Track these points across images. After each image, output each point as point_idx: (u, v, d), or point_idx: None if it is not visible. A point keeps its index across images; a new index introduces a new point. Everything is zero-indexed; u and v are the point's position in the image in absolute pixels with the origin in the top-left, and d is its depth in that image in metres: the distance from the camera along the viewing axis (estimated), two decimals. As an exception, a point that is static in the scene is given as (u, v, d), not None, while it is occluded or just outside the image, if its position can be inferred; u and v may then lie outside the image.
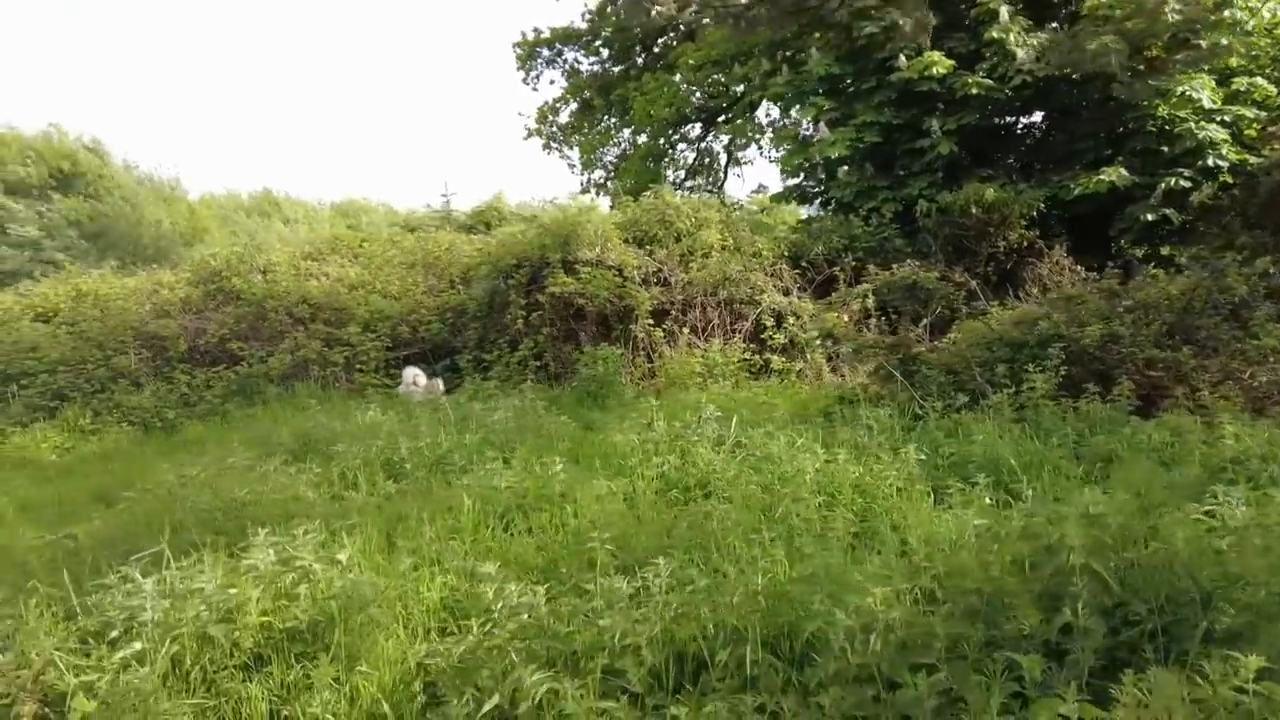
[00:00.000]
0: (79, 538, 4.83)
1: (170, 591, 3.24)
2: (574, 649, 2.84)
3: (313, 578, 3.27)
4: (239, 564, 3.76)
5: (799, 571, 3.22)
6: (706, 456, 5.02)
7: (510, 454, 5.93)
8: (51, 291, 12.72)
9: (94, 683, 2.87)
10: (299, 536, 3.62)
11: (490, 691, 2.66)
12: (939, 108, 14.19)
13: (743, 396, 10.38)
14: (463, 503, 4.52)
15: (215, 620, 3.06)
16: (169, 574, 3.47)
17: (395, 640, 3.21)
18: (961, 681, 2.19)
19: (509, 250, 11.84)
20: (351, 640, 3.11)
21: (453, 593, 3.65)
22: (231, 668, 3.05)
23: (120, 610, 3.26)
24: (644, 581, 3.17)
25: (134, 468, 8.28)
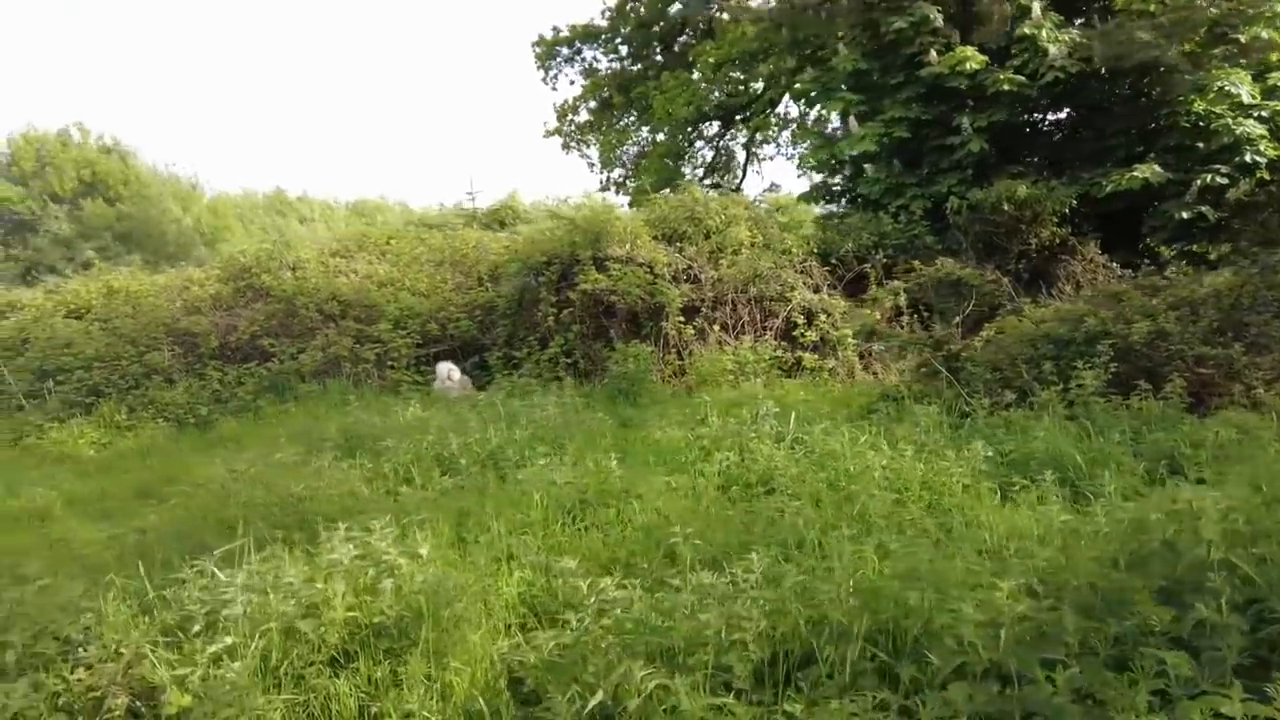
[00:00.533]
0: (146, 532, 4.79)
1: (252, 586, 3.20)
2: (671, 645, 2.79)
3: (397, 573, 3.23)
4: (314, 558, 3.73)
5: (889, 568, 3.16)
6: (766, 452, 4.96)
7: (560, 450, 5.89)
8: (82, 288, 12.77)
9: (185, 677, 2.83)
10: (374, 531, 3.59)
11: (594, 688, 2.61)
12: (968, 104, 14.07)
13: (779, 394, 10.33)
14: (530, 498, 4.48)
15: (302, 615, 3.02)
16: (247, 569, 3.44)
17: (480, 636, 3.16)
18: (1096, 678, 2.13)
19: (539, 248, 11.80)
20: (439, 636, 3.07)
21: (529, 588, 3.61)
22: (318, 664, 3.01)
23: (201, 604, 3.24)
24: (733, 577, 3.12)
25: (173, 464, 8.29)
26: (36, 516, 6.50)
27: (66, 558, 4.59)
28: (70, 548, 4.98)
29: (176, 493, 7.14)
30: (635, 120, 25.18)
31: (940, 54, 13.82)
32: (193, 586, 3.43)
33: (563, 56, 24.39)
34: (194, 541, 4.39)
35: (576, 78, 24.76)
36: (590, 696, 2.60)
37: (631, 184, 24.92)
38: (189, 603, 3.30)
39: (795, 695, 2.57)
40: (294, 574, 3.18)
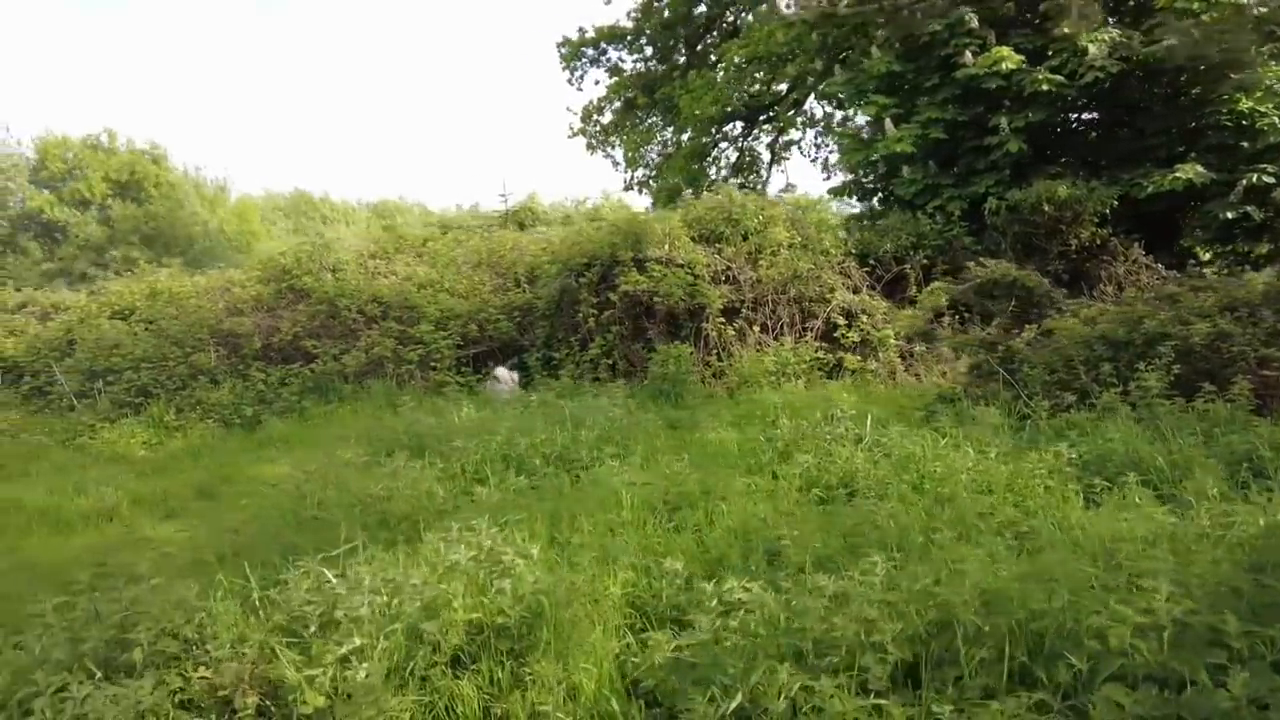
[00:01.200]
0: (237, 532, 4.82)
1: (376, 587, 3.22)
2: (800, 646, 2.79)
3: (514, 573, 3.24)
4: (416, 557, 3.75)
5: (1006, 570, 3.15)
6: (844, 454, 4.95)
7: (628, 451, 5.90)
8: (126, 290, 12.89)
9: (315, 677, 2.85)
10: (475, 531, 3.60)
11: (731, 690, 2.61)
12: (1005, 105, 14.00)
13: (823, 395, 10.31)
14: (617, 498, 4.48)
15: (424, 616, 3.04)
16: (356, 569, 3.46)
17: (597, 636, 3.17)
18: (1266, 683, 2.12)
19: (579, 249, 11.82)
20: (559, 637, 3.08)
21: (632, 589, 3.61)
22: (440, 664, 3.02)
23: (315, 605, 3.25)
24: (850, 580, 3.11)
25: (227, 464, 8.36)
26: (105, 516, 6.57)
27: (158, 557, 4.62)
28: (155, 547, 5.02)
29: (238, 493, 7.24)
30: (658, 121, 25.22)
31: (976, 55, 13.77)
32: (299, 587, 3.45)
33: (588, 57, 24.44)
34: (285, 541, 4.42)
35: (602, 78, 24.79)
36: (728, 699, 2.60)
37: (656, 184, 24.94)
38: (301, 603, 3.32)
39: (937, 697, 2.56)
40: (416, 575, 3.19)
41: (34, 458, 8.90)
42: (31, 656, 3.17)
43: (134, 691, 2.95)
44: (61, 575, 4.61)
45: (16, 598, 4.21)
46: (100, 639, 3.16)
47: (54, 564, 4.96)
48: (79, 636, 3.24)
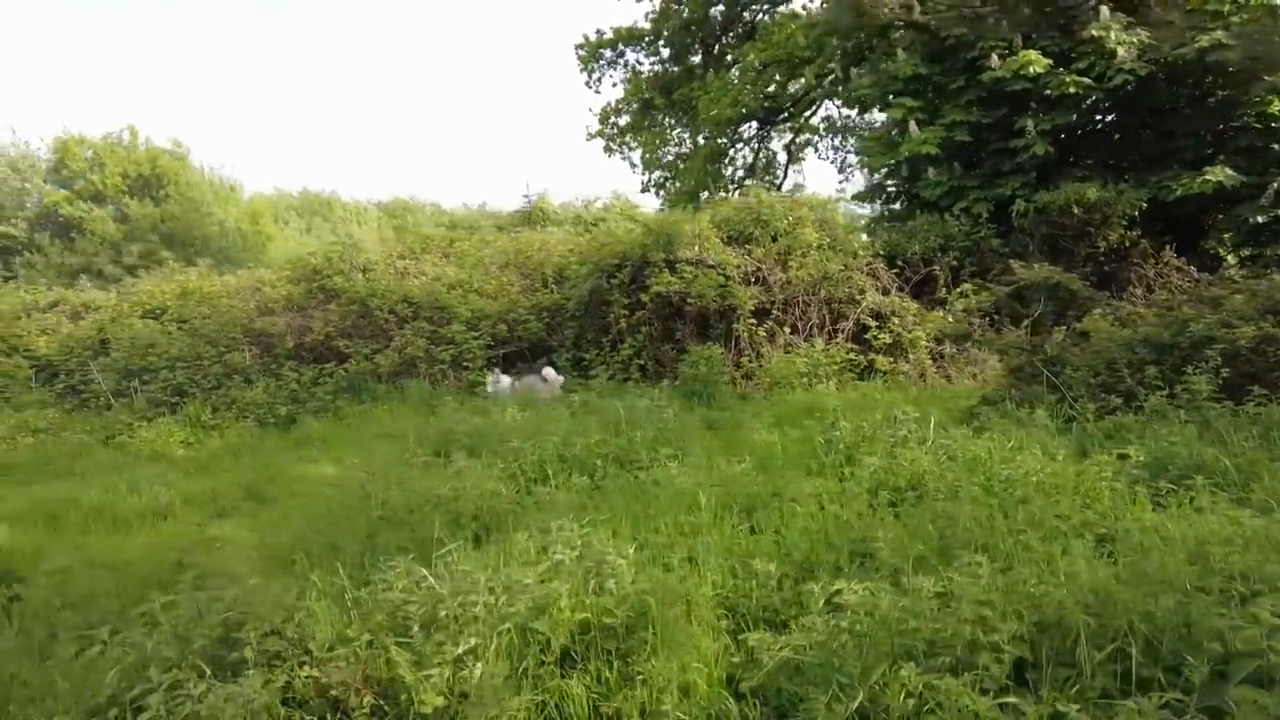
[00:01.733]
0: (320, 531, 4.85)
1: (474, 585, 3.25)
2: (911, 646, 2.81)
3: (616, 572, 3.27)
4: (508, 557, 3.78)
5: (1104, 571, 3.17)
6: (909, 456, 4.97)
7: (684, 452, 5.93)
8: (156, 289, 12.95)
9: (431, 677, 2.88)
10: (568, 530, 3.63)
11: (853, 690, 2.64)
12: (1031, 107, 14.01)
13: (854, 397, 10.34)
14: (691, 498, 4.51)
15: (532, 615, 3.06)
16: (457, 567, 3.49)
17: (698, 636, 3.20)
18: None
19: (610, 250, 11.85)
20: (665, 636, 3.10)
21: (721, 589, 3.64)
22: (550, 664, 3.05)
23: (416, 603, 3.28)
24: (950, 580, 3.13)
25: (269, 463, 8.39)
26: (158, 514, 6.61)
27: (232, 556, 4.66)
28: (223, 545, 5.06)
29: (286, 492, 7.28)
30: (673, 122, 25.24)
31: (1002, 58, 13.78)
32: (396, 585, 3.48)
33: (606, 59, 24.47)
34: (363, 541, 4.45)
35: (619, 80, 24.83)
36: (848, 698, 2.63)
37: (673, 186, 24.96)
38: (401, 602, 3.34)
39: (1058, 696, 2.58)
40: (523, 574, 3.21)
41: (77, 456, 8.96)
42: (141, 653, 3.20)
43: (246, 690, 2.98)
44: (137, 573, 4.66)
45: (105, 595, 4.25)
46: (209, 637, 3.19)
47: (125, 562, 5.00)
48: (185, 635, 3.28)
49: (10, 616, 4.40)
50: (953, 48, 14.53)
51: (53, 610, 4.28)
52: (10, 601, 4.56)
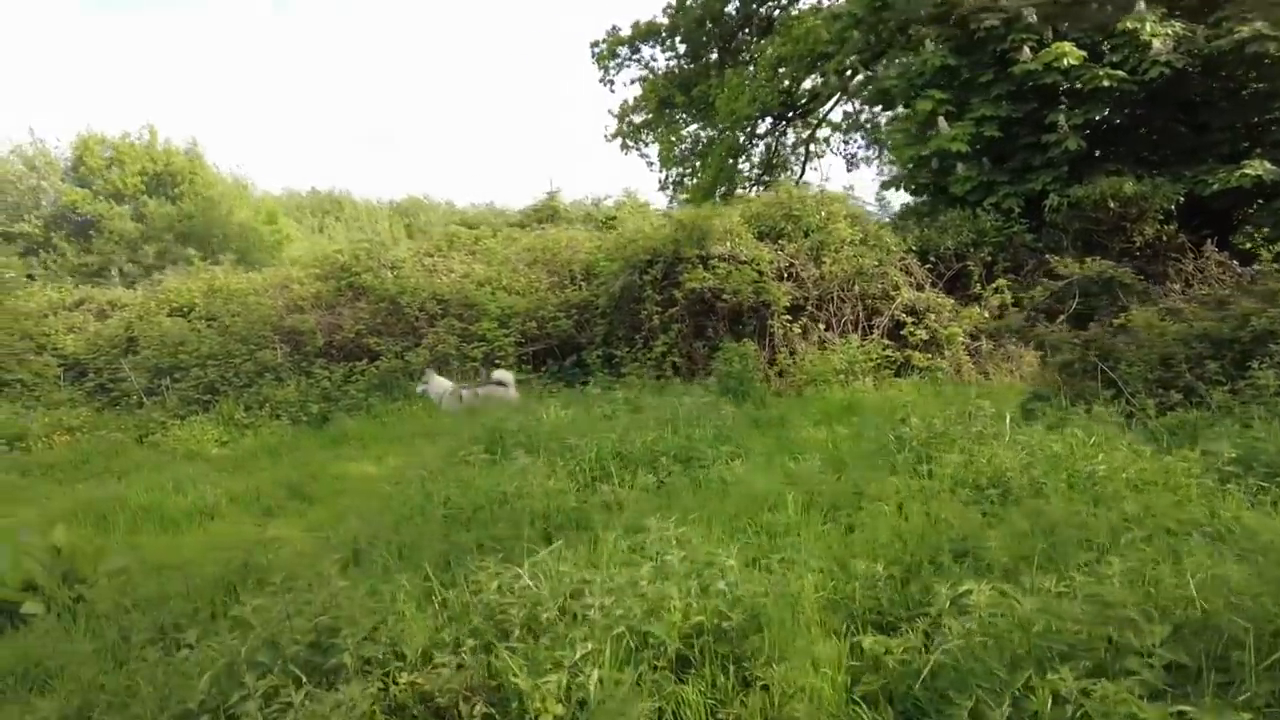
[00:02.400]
0: (399, 532, 4.72)
1: (592, 585, 3.13)
2: (1047, 648, 2.69)
3: (726, 574, 3.15)
4: (602, 556, 3.67)
5: (1237, 573, 3.04)
6: (987, 453, 4.84)
7: (747, 450, 5.81)
8: (183, 287, 12.87)
9: (548, 683, 2.76)
10: (663, 530, 3.51)
11: (997, 695, 2.51)
12: (1061, 101, 13.85)
13: (892, 394, 10.20)
14: (780, 498, 4.39)
15: (645, 619, 2.94)
16: (536, 567, 3.38)
17: (813, 640, 3.08)
18: None
19: (641, 246, 11.73)
20: (779, 641, 2.98)
21: (819, 590, 3.51)
22: (663, 669, 2.93)
23: (516, 606, 3.17)
24: (1073, 582, 3.01)
25: (309, 462, 8.29)
26: (206, 513, 6.51)
27: (296, 556, 4.56)
28: (284, 545, 4.95)
29: (331, 491, 7.18)
30: (687, 118, 25.11)
31: (1033, 50, 13.62)
32: (488, 587, 3.37)
33: (622, 56, 24.35)
34: (442, 540, 4.34)
35: (635, 78, 24.71)
36: (995, 704, 2.51)
37: (690, 183, 24.84)
38: (497, 605, 3.23)
39: (1219, 703, 2.46)
40: (632, 576, 3.09)
41: (114, 455, 8.88)
42: (231, 658, 3.09)
43: (346, 698, 2.87)
44: (203, 574, 4.56)
45: (176, 597, 4.14)
46: (302, 642, 3.07)
47: (186, 562, 4.90)
48: (274, 639, 3.17)
49: (76, 618, 4.31)
50: (981, 40, 14.35)
51: (121, 612, 4.18)
52: (75, 602, 4.47)
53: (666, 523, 3.63)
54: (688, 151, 25.15)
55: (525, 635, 3.09)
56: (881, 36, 18.19)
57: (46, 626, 4.18)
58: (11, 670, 3.75)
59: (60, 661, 3.78)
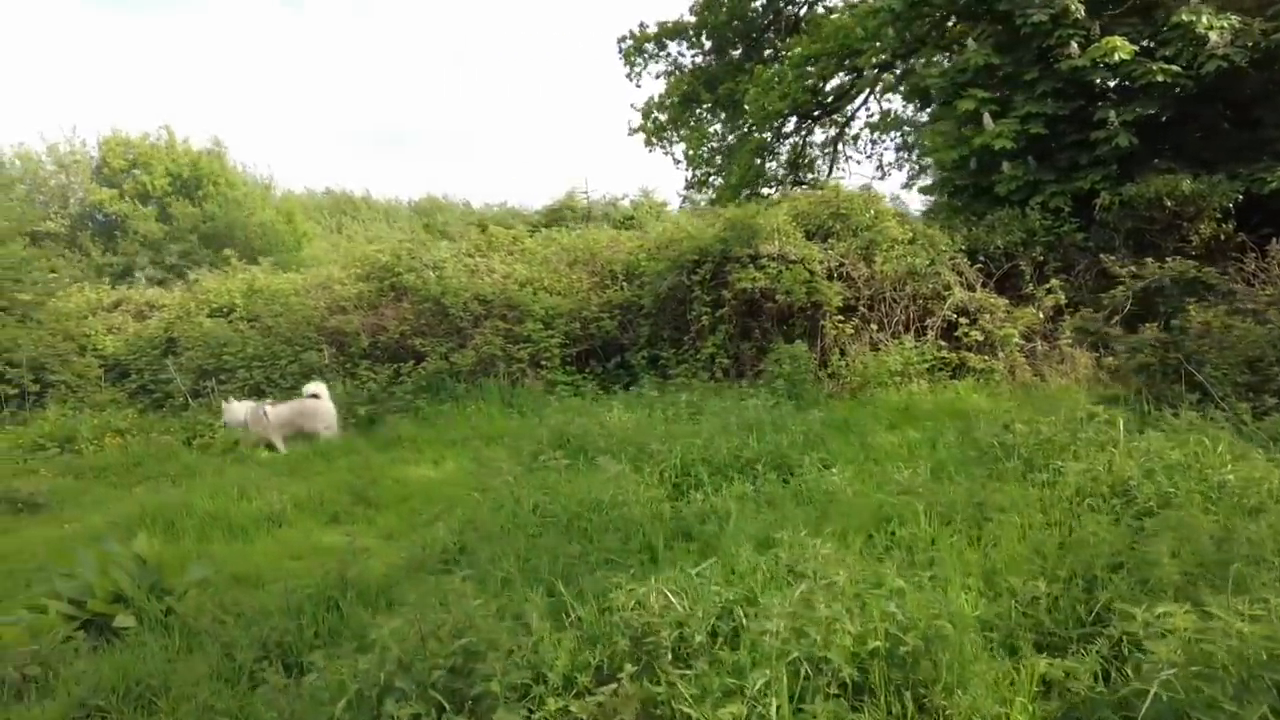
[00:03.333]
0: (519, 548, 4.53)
1: (765, 610, 2.94)
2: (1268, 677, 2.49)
3: (895, 594, 2.95)
4: (735, 571, 3.48)
5: None
6: (1103, 460, 4.63)
7: (842, 456, 5.61)
8: (221, 287, 12.75)
9: (723, 715, 2.57)
10: (803, 545, 3.32)
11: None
12: (1110, 97, 13.57)
13: (949, 396, 9.99)
14: (906, 509, 4.19)
15: (817, 642, 2.75)
16: (665, 583, 3.19)
17: (987, 664, 2.88)
18: None
19: (689, 246, 11.54)
20: (954, 665, 2.79)
21: (973, 610, 3.31)
22: (836, 696, 2.74)
23: (664, 626, 2.98)
24: (1265, 601, 2.80)
25: (366, 466, 8.10)
26: (273, 520, 6.36)
27: (390, 569, 4.39)
28: (377, 556, 4.79)
29: (394, 496, 7.01)
30: (711, 116, 24.90)
31: (1081, 46, 13.35)
32: (625, 606, 3.19)
33: (648, 53, 24.17)
34: (549, 553, 4.16)
35: (660, 73, 24.53)
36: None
37: (717, 181, 24.64)
38: (641, 625, 3.05)
39: None
40: (801, 595, 2.90)
41: (166, 458, 8.75)
42: (369, 683, 2.91)
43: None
44: (297, 584, 4.39)
45: (278, 612, 3.97)
46: (444, 666, 2.89)
47: (263, 571, 4.75)
48: (409, 662, 2.99)
49: (169, 631, 4.15)
50: (1026, 36, 14.09)
51: (218, 626, 4.01)
52: (165, 615, 4.31)
53: (799, 536, 3.43)
54: (714, 150, 24.94)
55: (679, 659, 2.90)
56: (916, 33, 17.94)
57: (141, 640, 4.02)
58: (113, 688, 3.59)
59: (162, 680, 3.62)
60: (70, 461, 8.83)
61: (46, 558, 5.18)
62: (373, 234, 37.50)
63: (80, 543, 5.89)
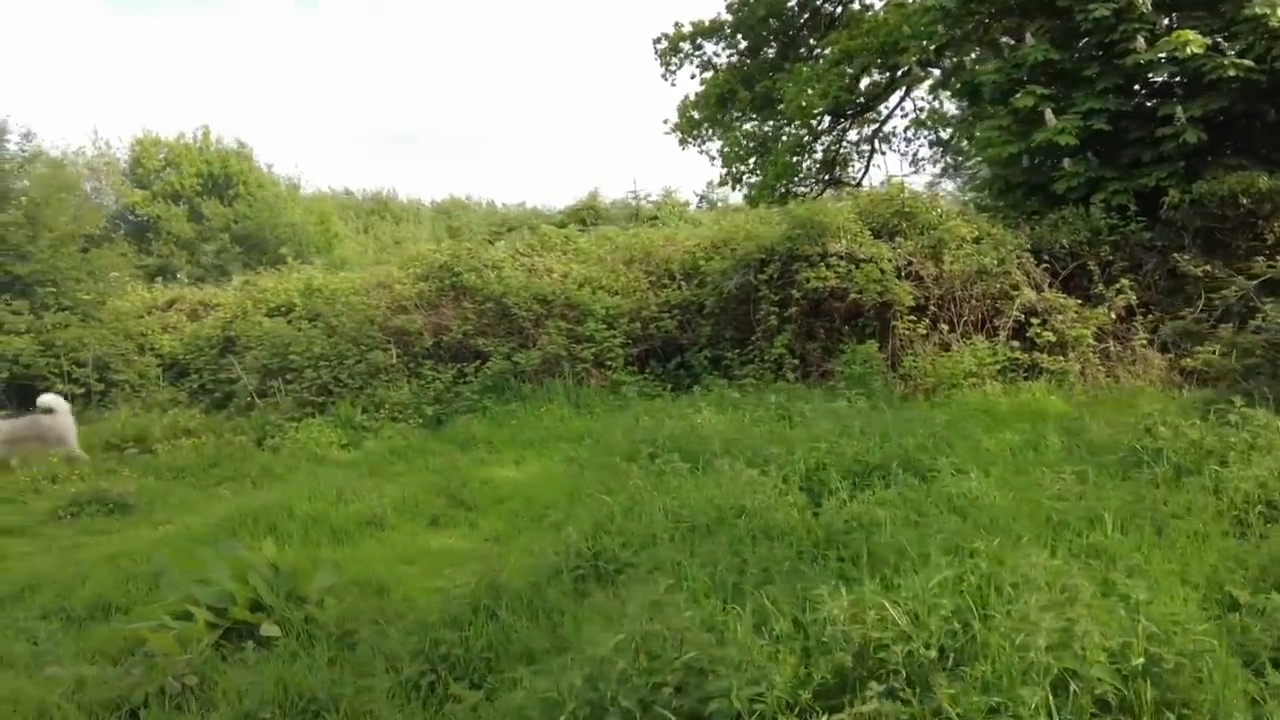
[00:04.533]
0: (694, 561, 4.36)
1: (928, 620, 2.78)
2: None
3: (1146, 607, 2.78)
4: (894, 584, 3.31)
5: None
6: (1268, 467, 4.44)
7: (977, 461, 5.44)
8: (278, 286, 12.67)
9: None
10: (1037, 556, 3.15)
11: None
12: (1176, 92, 13.31)
13: (1033, 399, 9.78)
14: (1092, 516, 4.01)
15: (1087, 659, 2.58)
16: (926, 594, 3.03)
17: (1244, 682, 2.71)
18: None
19: (755, 244, 11.37)
20: (1219, 684, 2.62)
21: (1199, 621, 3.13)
22: (1092, 715, 2.57)
23: (895, 640, 2.82)
24: None
25: (450, 467, 7.97)
26: (374, 523, 6.23)
27: (542, 572, 4.25)
28: (505, 560, 4.65)
29: (489, 498, 6.88)
30: (753, 115, 24.71)
31: (1148, 40, 13.10)
32: (835, 619, 3.02)
33: (684, 52, 24.03)
34: (707, 560, 4.00)
35: (696, 73, 24.38)
36: None
37: (752, 180, 24.46)
38: (860, 638, 2.88)
39: None
40: (1049, 607, 2.73)
41: (242, 459, 8.64)
42: (581, 700, 2.76)
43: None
44: (447, 589, 4.24)
45: (437, 624, 3.82)
46: (670, 683, 2.74)
47: (380, 577, 4.62)
48: (629, 677, 2.83)
49: (316, 640, 4.01)
50: (1087, 31, 13.85)
51: (380, 636, 3.86)
52: (305, 623, 4.18)
53: (992, 545, 3.26)
54: (749, 149, 24.75)
55: (914, 676, 2.74)
56: (964, 31, 17.71)
57: (291, 650, 3.89)
58: (278, 702, 3.45)
59: (328, 692, 3.48)
60: (148, 462, 8.74)
61: (162, 561, 5.06)
62: (401, 235, 37.47)
63: (184, 546, 5.80)
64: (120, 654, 4.13)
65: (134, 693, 3.59)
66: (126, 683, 3.62)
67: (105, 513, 7.02)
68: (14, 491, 7.88)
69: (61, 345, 10.91)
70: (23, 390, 10.77)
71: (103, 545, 6.14)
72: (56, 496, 7.56)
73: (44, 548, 6.26)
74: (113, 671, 3.72)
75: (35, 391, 9.39)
